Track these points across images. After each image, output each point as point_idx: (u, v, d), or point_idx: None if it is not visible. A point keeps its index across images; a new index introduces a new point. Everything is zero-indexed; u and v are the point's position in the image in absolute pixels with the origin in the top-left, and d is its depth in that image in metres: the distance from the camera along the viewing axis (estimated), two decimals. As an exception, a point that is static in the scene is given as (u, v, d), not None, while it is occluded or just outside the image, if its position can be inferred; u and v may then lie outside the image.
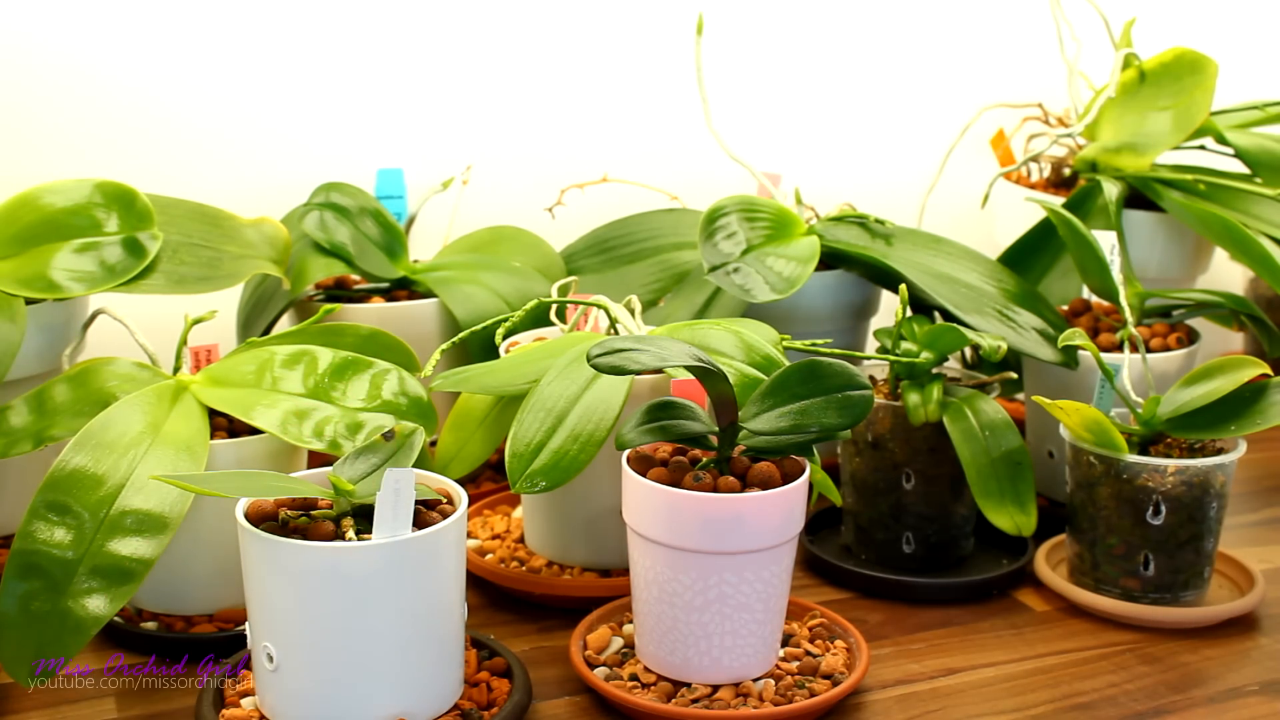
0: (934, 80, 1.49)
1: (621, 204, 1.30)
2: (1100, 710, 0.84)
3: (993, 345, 0.98)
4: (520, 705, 0.80)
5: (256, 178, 1.26)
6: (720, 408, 0.81)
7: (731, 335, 0.95)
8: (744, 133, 1.35)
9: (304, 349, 0.93)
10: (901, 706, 0.85)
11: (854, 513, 1.05)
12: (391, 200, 1.23)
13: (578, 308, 1.04)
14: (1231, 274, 1.48)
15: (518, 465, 0.86)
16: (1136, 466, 0.94)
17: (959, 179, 1.37)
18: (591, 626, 0.89)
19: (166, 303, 1.05)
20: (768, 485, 0.80)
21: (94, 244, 0.97)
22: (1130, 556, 0.96)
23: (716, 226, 1.10)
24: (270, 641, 0.75)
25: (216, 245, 1.04)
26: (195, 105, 1.24)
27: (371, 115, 1.30)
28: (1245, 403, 0.95)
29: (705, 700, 0.81)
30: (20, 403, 0.89)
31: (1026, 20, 1.47)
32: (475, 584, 0.97)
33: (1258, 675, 0.89)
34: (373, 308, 1.11)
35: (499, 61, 1.33)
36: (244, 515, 0.76)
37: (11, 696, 0.83)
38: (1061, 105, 1.38)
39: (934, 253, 1.16)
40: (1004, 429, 0.99)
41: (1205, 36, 1.34)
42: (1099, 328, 1.13)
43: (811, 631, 0.90)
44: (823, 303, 1.18)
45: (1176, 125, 1.23)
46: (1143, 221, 1.24)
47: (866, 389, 0.81)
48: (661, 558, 0.81)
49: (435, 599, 0.76)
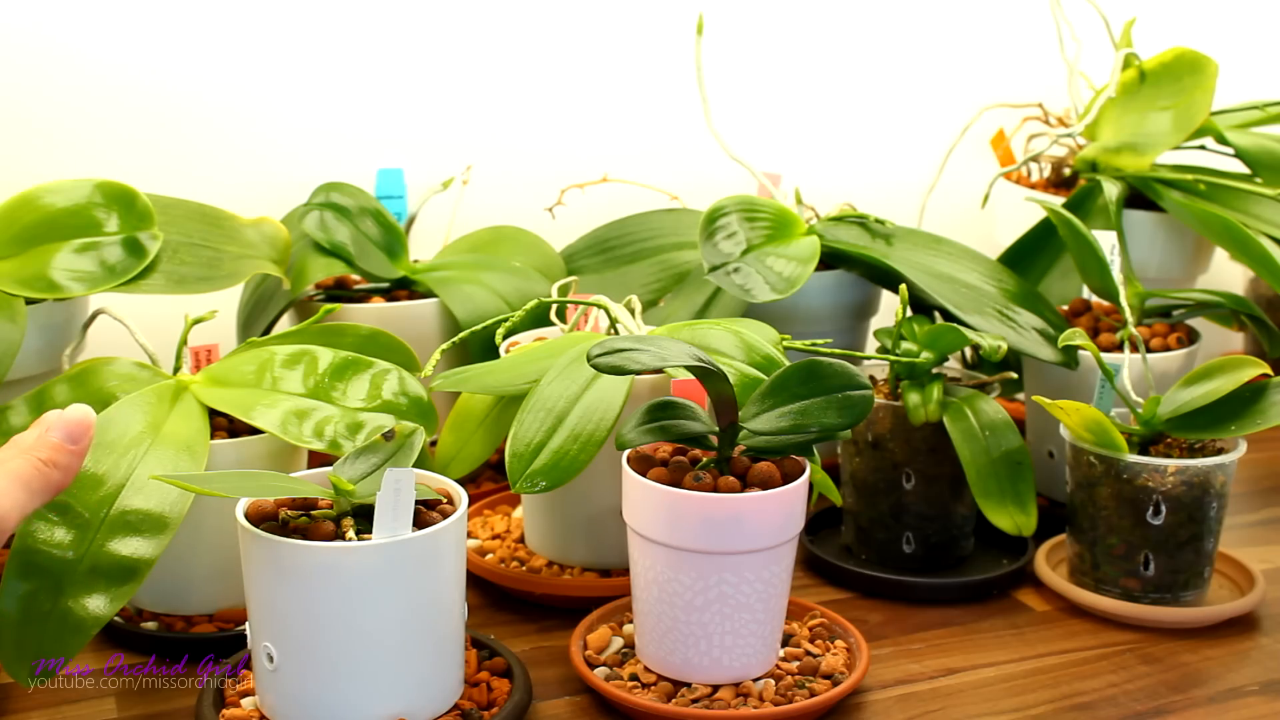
0: (934, 80, 1.49)
1: (621, 204, 1.30)
2: (1100, 710, 0.84)
3: (993, 345, 0.98)
4: (520, 705, 0.80)
5: (256, 178, 1.26)
6: (720, 408, 0.81)
7: (731, 335, 0.95)
8: (744, 133, 1.35)
9: (304, 349, 0.92)
10: (901, 706, 0.85)
11: (854, 513, 1.05)
12: (391, 200, 1.23)
13: (578, 308, 1.04)
14: (1231, 274, 1.48)
15: (518, 465, 0.86)
16: (1136, 466, 0.94)
17: (959, 179, 1.37)
18: (591, 626, 0.89)
19: (166, 303, 1.05)
20: (768, 485, 0.80)
21: (94, 244, 0.97)
22: (1130, 556, 0.96)
23: (716, 226, 1.10)
24: (270, 641, 0.75)
25: (216, 245, 1.04)
26: (196, 105, 1.24)
27: (371, 115, 1.30)
28: (1245, 403, 0.95)
29: (705, 700, 0.81)
30: (20, 403, 0.89)
31: (1026, 20, 1.47)
32: (475, 584, 0.97)
33: (1258, 675, 0.89)
34: (373, 308, 1.11)
35: (499, 61, 1.33)
36: (244, 515, 0.76)
37: (11, 696, 0.83)
38: (1062, 105, 1.38)
39: (934, 253, 1.16)
40: (1004, 429, 0.99)
41: (1205, 36, 1.34)
42: (1099, 328, 1.13)
43: (812, 631, 0.90)
44: (823, 303, 1.18)
45: (1176, 125, 1.23)
46: (1143, 221, 1.24)
47: (866, 389, 0.81)
48: (661, 558, 0.81)
49: (435, 599, 0.76)
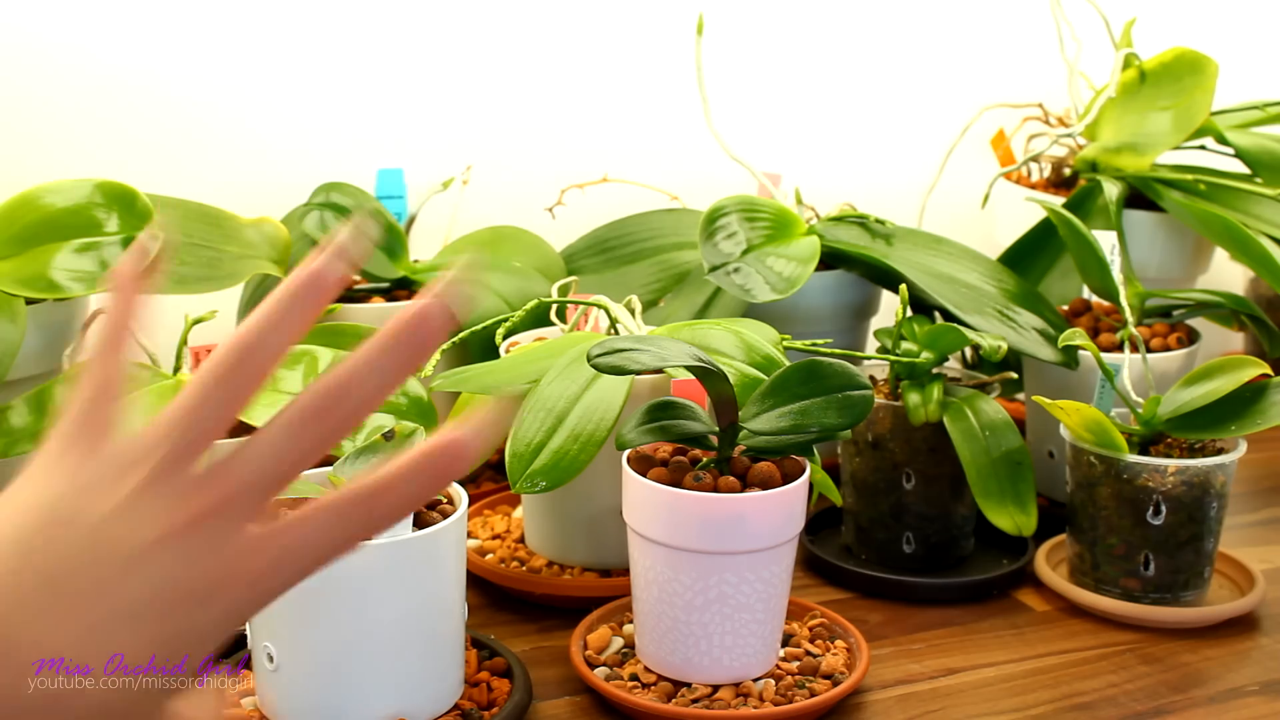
0: (934, 80, 1.49)
1: (621, 204, 1.30)
2: (1100, 710, 0.84)
3: (993, 345, 0.98)
4: (520, 705, 0.80)
5: (256, 178, 1.26)
6: (720, 408, 0.81)
7: (731, 335, 0.95)
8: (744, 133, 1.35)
9: (304, 349, 0.93)
10: (901, 706, 0.85)
11: (854, 513, 1.05)
12: (391, 200, 1.22)
13: (578, 308, 1.04)
14: (1231, 274, 1.48)
15: (518, 465, 0.86)
16: (1137, 466, 0.94)
17: (959, 179, 1.37)
18: (591, 626, 0.89)
19: (166, 303, 1.05)
20: (768, 485, 0.80)
21: (94, 244, 0.97)
22: (1130, 556, 0.96)
23: (716, 226, 1.10)
24: (270, 641, 0.75)
25: (216, 245, 1.04)
26: (196, 105, 1.24)
27: (371, 115, 1.30)
28: (1245, 403, 0.95)
29: (705, 700, 0.81)
30: (20, 403, 0.89)
31: (1026, 20, 1.47)
32: (475, 584, 0.97)
33: (1258, 675, 0.89)
34: (373, 308, 1.11)
35: (499, 62, 1.33)
36: (244, 515, 0.76)
37: (11, 696, 0.83)
38: (1062, 105, 1.38)
39: (934, 253, 1.16)
40: (1004, 429, 0.99)
41: (1205, 36, 1.34)
42: (1099, 328, 1.13)
43: (812, 631, 0.90)
44: (823, 303, 1.18)
45: (1176, 125, 1.23)
46: (1143, 221, 1.24)
47: (867, 389, 0.81)
48: (661, 558, 0.81)
49: (435, 599, 0.76)
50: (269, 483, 0.46)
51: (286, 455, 0.46)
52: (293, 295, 0.47)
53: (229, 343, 0.47)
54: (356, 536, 0.47)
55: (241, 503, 0.46)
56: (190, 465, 0.46)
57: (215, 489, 0.45)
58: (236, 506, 0.45)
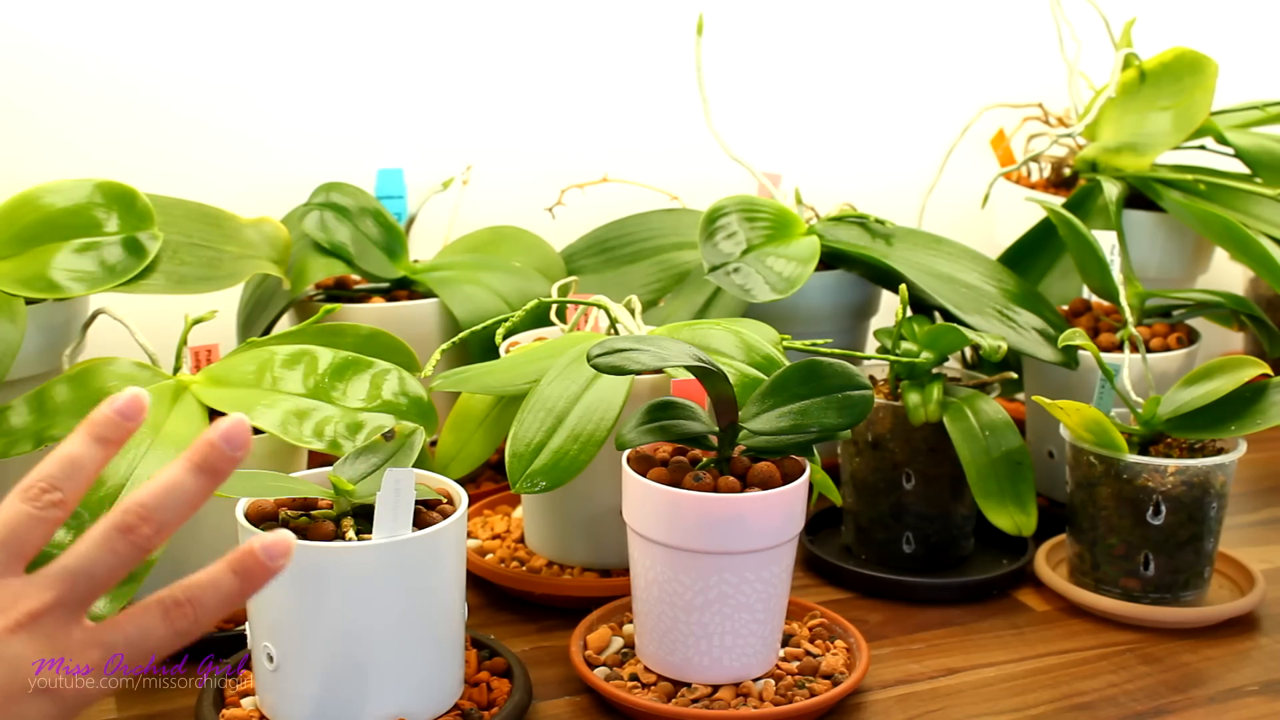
0: (934, 80, 1.49)
1: (621, 204, 1.30)
2: (1100, 710, 0.84)
3: (993, 345, 0.98)
4: (520, 705, 0.80)
5: (256, 178, 1.26)
6: (720, 408, 0.81)
7: (731, 335, 0.95)
8: (744, 133, 1.35)
9: (304, 349, 0.93)
10: (901, 706, 0.85)
11: (854, 513, 1.05)
12: (391, 200, 1.23)
13: (578, 308, 1.04)
14: (1231, 274, 1.48)
15: (518, 465, 0.86)
16: (1136, 466, 0.94)
17: (959, 179, 1.37)
18: (591, 626, 0.89)
19: (166, 303, 1.05)
20: (768, 485, 0.80)
21: (94, 244, 0.97)
22: (1130, 556, 0.96)
23: (716, 226, 1.10)
24: (270, 641, 0.75)
25: (216, 245, 1.04)
26: (195, 105, 1.24)
27: (371, 115, 1.30)
28: (1245, 403, 0.95)
29: (705, 700, 0.81)
30: (20, 403, 0.89)
31: (1026, 20, 1.47)
32: (475, 584, 0.97)
33: (1258, 675, 0.89)
34: (373, 308, 1.11)
35: (499, 61, 1.33)
36: (244, 515, 0.76)
37: (11, 696, 0.83)
38: (1062, 105, 1.38)
39: (934, 253, 1.16)
40: (1004, 429, 0.99)
41: (1205, 36, 1.34)
42: (1099, 328, 1.13)
43: (812, 631, 0.90)
44: (823, 303, 1.18)
45: (1176, 125, 1.23)
46: (1143, 221, 1.24)
47: (866, 389, 0.81)
48: (662, 558, 0.81)
49: (435, 599, 0.76)
50: (90, 587, 0.55)
51: (102, 564, 0.55)
52: (106, 421, 0.56)
53: (50, 458, 0.56)
54: (184, 632, 0.56)
55: (67, 605, 0.54)
56: (19, 571, 0.55)
57: (44, 592, 0.54)
58: (63, 608, 0.54)
